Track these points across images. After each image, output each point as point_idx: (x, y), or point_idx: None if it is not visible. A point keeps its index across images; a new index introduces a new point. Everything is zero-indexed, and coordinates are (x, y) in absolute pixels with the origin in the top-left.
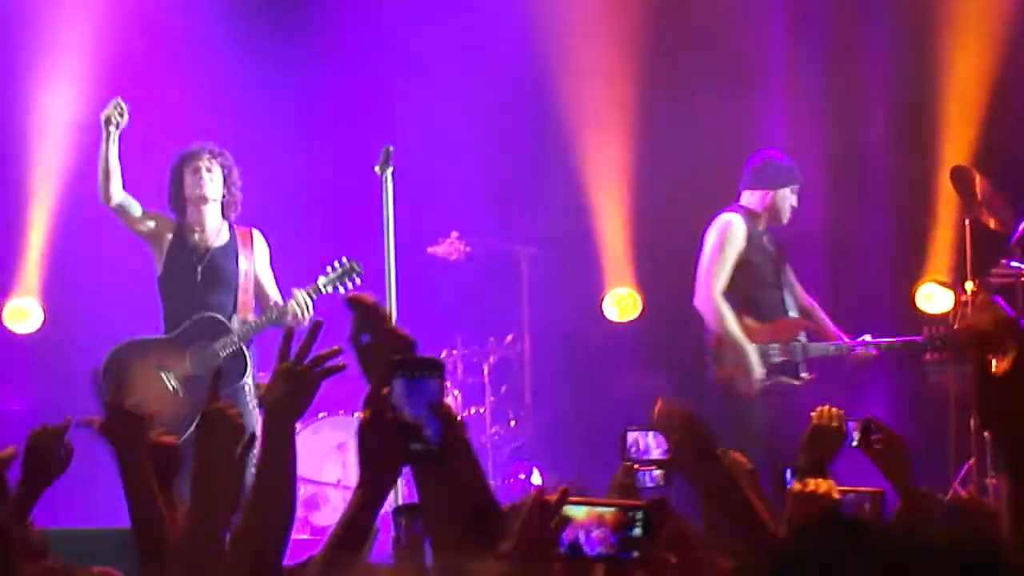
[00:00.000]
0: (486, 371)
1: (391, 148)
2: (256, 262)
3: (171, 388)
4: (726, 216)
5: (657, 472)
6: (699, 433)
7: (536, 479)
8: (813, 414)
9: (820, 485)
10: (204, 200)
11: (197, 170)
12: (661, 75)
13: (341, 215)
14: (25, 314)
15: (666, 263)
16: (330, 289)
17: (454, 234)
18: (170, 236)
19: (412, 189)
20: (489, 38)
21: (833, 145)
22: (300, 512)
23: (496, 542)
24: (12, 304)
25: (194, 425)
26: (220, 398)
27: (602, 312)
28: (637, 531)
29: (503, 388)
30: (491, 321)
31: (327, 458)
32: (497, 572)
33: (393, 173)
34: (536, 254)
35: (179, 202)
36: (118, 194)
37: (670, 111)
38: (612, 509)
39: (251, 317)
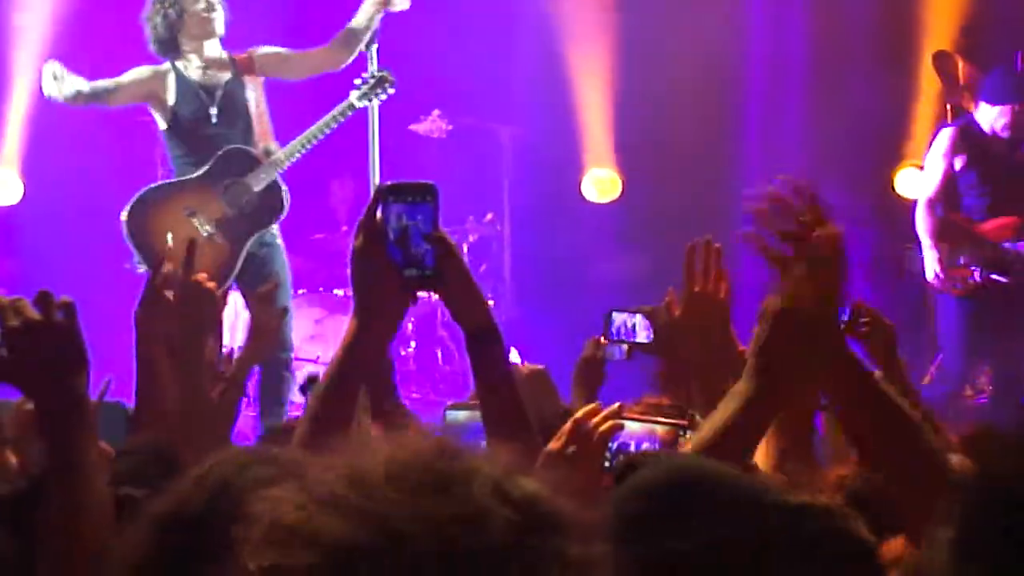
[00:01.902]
0: (465, 249)
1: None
2: (261, 86)
3: (204, 233)
4: None
5: (624, 347)
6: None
7: (515, 358)
8: None
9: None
10: (212, 36)
11: (208, 7)
12: None
13: (323, 87)
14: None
15: (646, 145)
16: (365, 103)
17: (436, 112)
18: (168, 84)
19: (395, 64)
20: None
21: (815, 30)
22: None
23: (494, 369)
24: None
25: (234, 273)
26: (195, 270)
27: (581, 192)
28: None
29: (482, 267)
30: (471, 200)
31: (306, 335)
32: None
33: (377, 49)
34: (517, 133)
35: (172, 43)
36: (87, 100)
37: None
38: (664, 427)
39: (275, 145)
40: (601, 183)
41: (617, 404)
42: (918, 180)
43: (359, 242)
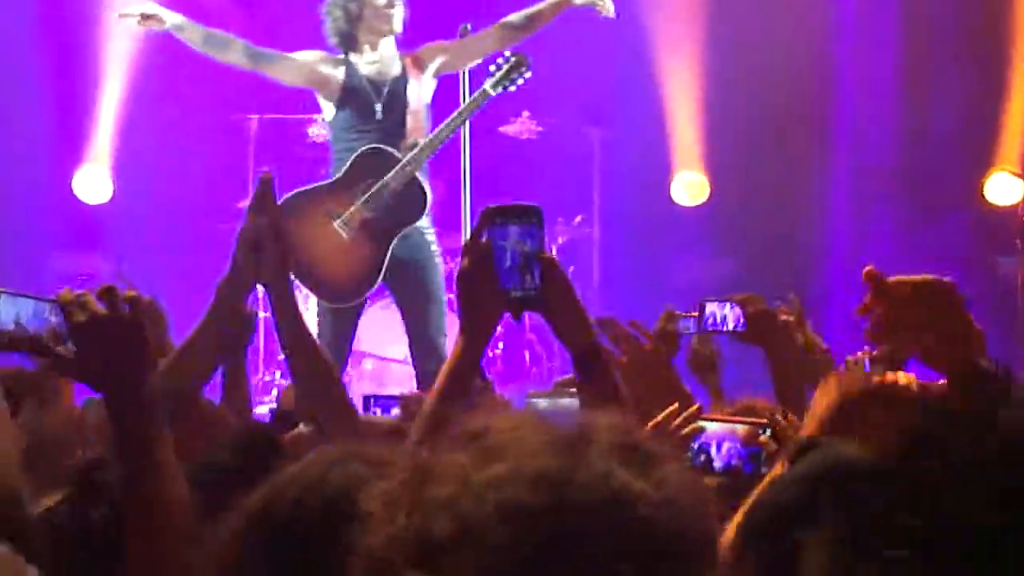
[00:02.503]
0: (554, 252)
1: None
2: (425, 85)
3: (347, 237)
4: None
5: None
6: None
7: None
8: None
9: (899, 377)
10: (389, 33)
11: (390, 4)
12: None
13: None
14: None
15: (735, 148)
16: (499, 90)
17: (525, 113)
18: (338, 74)
19: (485, 65)
20: None
21: (903, 36)
22: (368, 386)
23: (602, 385)
24: (83, 173)
25: (380, 274)
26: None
27: (670, 196)
28: (762, 452)
29: (571, 269)
30: (560, 202)
31: (394, 335)
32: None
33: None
34: (606, 136)
35: (351, 36)
36: (241, 58)
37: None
38: (743, 426)
39: (420, 139)
40: (691, 186)
41: (696, 406)
42: (1010, 185)
43: (466, 263)
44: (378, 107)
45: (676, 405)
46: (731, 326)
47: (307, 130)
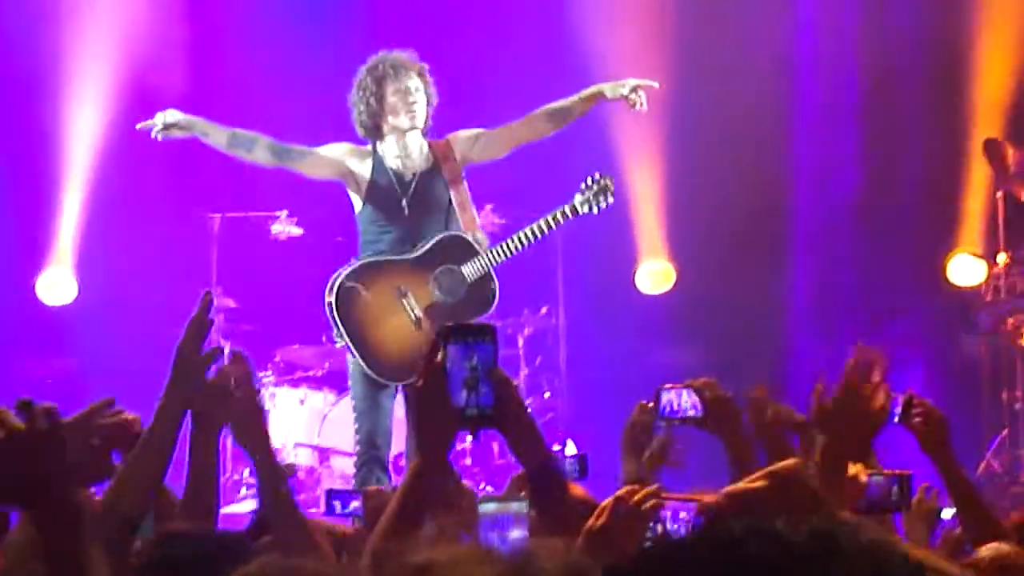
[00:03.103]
0: (521, 343)
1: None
2: (454, 176)
3: (413, 317)
4: None
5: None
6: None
7: (571, 450)
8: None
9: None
10: (411, 127)
11: (406, 93)
12: (697, 46)
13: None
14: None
15: (699, 236)
16: (585, 210)
17: (488, 207)
18: (364, 168)
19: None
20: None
21: (867, 119)
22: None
23: (555, 504)
24: (47, 275)
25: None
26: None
27: (635, 284)
28: None
29: (537, 360)
30: (526, 293)
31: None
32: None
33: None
34: (571, 226)
35: (376, 129)
36: (267, 156)
37: (704, 84)
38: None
39: (481, 235)
40: (655, 275)
41: (655, 485)
42: (972, 267)
43: (421, 383)
44: (404, 203)
45: (634, 486)
46: (689, 413)
47: (270, 227)
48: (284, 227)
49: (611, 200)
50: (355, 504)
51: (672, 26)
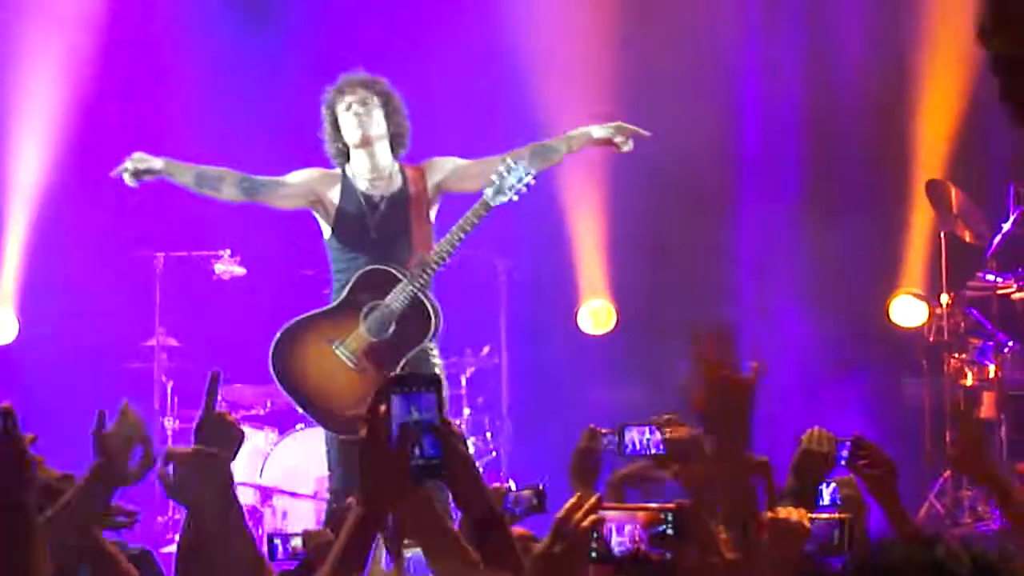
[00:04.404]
0: (463, 383)
1: None
2: (428, 201)
3: (350, 364)
4: None
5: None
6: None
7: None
8: (803, 437)
9: (792, 513)
10: (368, 142)
11: (351, 107)
12: (642, 80)
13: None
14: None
15: (640, 275)
16: (499, 200)
17: None
18: (334, 193)
19: None
20: (473, 39)
21: (809, 158)
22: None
23: (499, 552)
24: None
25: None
26: (215, 404)
27: (577, 324)
28: (668, 530)
29: (480, 399)
30: (468, 332)
31: (306, 468)
32: None
33: None
34: (513, 265)
35: (340, 153)
36: (236, 193)
37: (648, 122)
38: (646, 512)
39: (430, 256)
40: (596, 314)
41: (596, 496)
42: (914, 307)
43: (364, 434)
44: (371, 223)
45: (577, 498)
46: (652, 450)
47: (214, 266)
48: (227, 266)
49: (531, 181)
50: (296, 542)
51: (618, 68)
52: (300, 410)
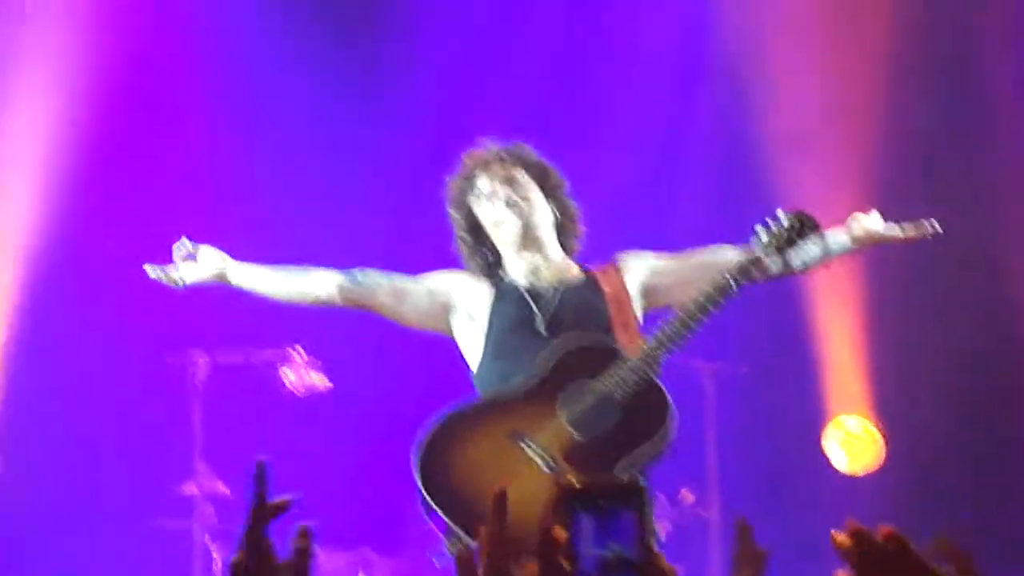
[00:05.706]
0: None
1: None
2: (625, 288)
3: (545, 467)
4: None
5: None
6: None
7: None
8: None
9: None
10: (532, 237)
11: (492, 194)
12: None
13: None
14: None
15: (916, 383)
16: (776, 256)
17: None
18: (481, 294)
19: None
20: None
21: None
22: None
23: None
24: None
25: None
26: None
27: (824, 455)
28: None
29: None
30: (663, 470)
31: None
32: None
33: None
34: (724, 371)
35: (487, 260)
36: (328, 291)
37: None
38: None
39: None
40: (853, 440)
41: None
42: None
43: (531, 570)
44: (540, 322)
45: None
46: None
47: (282, 374)
48: (302, 373)
49: (811, 232)
50: None
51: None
52: (462, 536)
